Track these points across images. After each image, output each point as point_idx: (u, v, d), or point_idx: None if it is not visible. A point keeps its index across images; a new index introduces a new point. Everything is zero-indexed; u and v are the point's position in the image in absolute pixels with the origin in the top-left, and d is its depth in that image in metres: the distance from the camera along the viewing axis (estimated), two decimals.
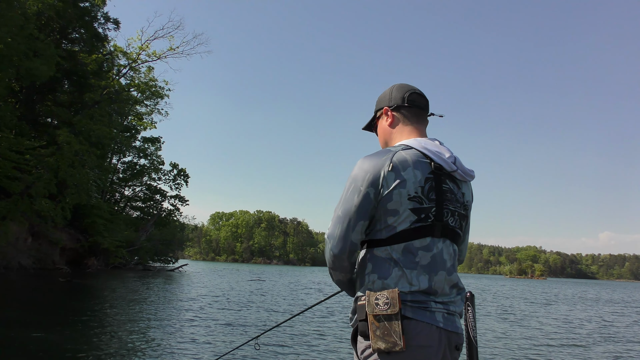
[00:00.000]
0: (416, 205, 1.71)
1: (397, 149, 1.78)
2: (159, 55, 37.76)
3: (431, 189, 1.74)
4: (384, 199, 1.70)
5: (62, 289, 18.99)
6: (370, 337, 1.62)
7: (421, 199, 1.71)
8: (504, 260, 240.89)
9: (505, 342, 11.41)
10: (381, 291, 1.64)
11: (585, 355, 10.30)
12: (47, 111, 32.17)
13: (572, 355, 10.28)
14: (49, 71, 25.48)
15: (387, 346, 1.58)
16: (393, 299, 1.61)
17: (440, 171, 1.77)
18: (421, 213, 1.71)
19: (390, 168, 1.71)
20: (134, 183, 47.62)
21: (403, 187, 1.70)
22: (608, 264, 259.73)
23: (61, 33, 32.66)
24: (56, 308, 13.17)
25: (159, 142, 47.42)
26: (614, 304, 30.63)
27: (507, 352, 9.96)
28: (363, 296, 1.71)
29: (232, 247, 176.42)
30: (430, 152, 1.77)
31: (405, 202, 1.70)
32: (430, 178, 1.75)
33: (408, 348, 1.58)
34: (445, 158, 1.78)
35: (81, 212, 32.15)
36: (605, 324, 17.21)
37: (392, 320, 1.59)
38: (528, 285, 65.24)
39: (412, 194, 1.70)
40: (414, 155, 1.76)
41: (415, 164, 1.74)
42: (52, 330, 9.23)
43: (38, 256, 28.60)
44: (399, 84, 2.00)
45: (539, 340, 12.13)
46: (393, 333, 1.58)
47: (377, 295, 1.63)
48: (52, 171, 26.07)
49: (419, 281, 1.67)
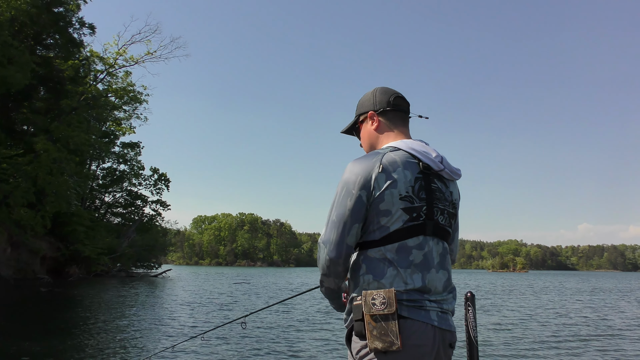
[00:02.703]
0: (408, 205, 1.73)
1: (386, 151, 1.80)
2: (137, 60, 37.48)
3: (421, 188, 1.76)
4: (376, 200, 1.71)
5: (44, 298, 18.74)
6: (367, 337, 1.62)
7: (412, 198, 1.74)
8: (486, 254, 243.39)
9: (502, 338, 11.49)
10: (377, 291, 1.65)
11: (585, 348, 10.53)
12: (23, 119, 31.66)
13: (574, 348, 10.49)
14: (24, 78, 25.13)
15: (384, 346, 1.58)
16: (390, 298, 1.62)
17: (428, 171, 1.81)
18: (413, 212, 1.73)
19: (380, 169, 1.72)
20: (114, 189, 47.14)
21: (394, 187, 1.72)
22: (587, 255, 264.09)
23: (35, 39, 32.18)
24: (37, 318, 13.00)
25: (139, 147, 47.02)
26: (609, 293, 31.21)
27: (505, 349, 10.07)
28: (359, 296, 1.71)
29: (215, 251, 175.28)
30: (417, 153, 1.80)
31: (397, 202, 1.72)
32: (420, 178, 1.77)
33: (404, 347, 1.59)
34: (432, 157, 1.81)
35: (61, 220, 31.68)
36: (598, 313, 17.57)
37: (388, 319, 1.60)
38: (512, 279, 66.05)
39: (403, 194, 1.72)
40: (403, 156, 1.79)
41: (404, 165, 1.76)
42: (34, 341, 9.13)
43: (18, 266, 28.14)
44: (382, 88, 2.01)
45: (537, 335, 12.25)
46: (390, 333, 1.59)
47: (373, 295, 1.64)
48: (31, 180, 25.69)
49: (413, 280, 1.69)
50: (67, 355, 8.03)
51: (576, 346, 10.56)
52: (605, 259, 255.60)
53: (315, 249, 63.33)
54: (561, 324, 14.41)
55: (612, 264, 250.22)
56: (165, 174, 48.83)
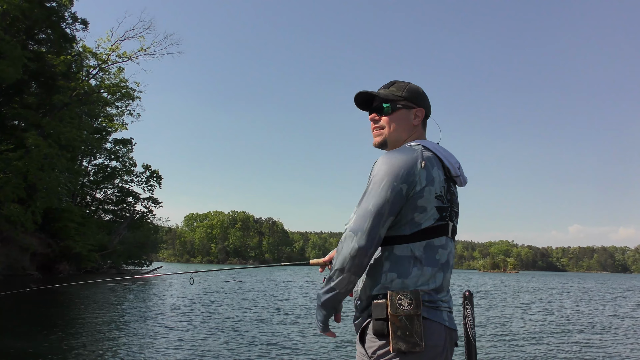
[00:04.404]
0: (440, 204, 1.76)
1: (420, 148, 1.82)
2: (130, 56, 37.24)
3: (447, 190, 1.81)
4: (415, 195, 1.72)
5: (34, 295, 18.61)
6: (390, 338, 1.61)
7: (443, 198, 1.78)
8: (477, 255, 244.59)
9: (499, 337, 11.59)
10: (403, 290, 1.65)
11: (579, 346, 10.61)
12: (14, 114, 31.40)
13: (568, 346, 10.57)
14: (15, 73, 24.96)
15: (407, 347, 1.57)
16: (416, 299, 1.62)
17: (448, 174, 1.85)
18: (443, 212, 1.77)
19: (422, 165, 1.74)
20: (105, 185, 46.93)
21: (432, 185, 1.74)
22: (577, 256, 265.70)
23: (27, 34, 31.94)
24: (26, 315, 12.92)
25: (131, 144, 46.79)
26: (603, 293, 31.47)
27: (502, 347, 10.14)
28: (381, 295, 1.70)
29: (207, 249, 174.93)
30: (442, 156, 1.84)
31: (433, 200, 1.74)
32: (446, 179, 1.82)
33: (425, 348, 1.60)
34: (453, 163, 1.86)
35: (52, 216, 31.48)
36: (591, 312, 17.72)
37: (413, 320, 1.59)
38: (501, 279, 66.40)
39: (438, 193, 1.75)
40: (433, 156, 1.82)
41: (437, 165, 1.80)
42: (23, 339, 9.09)
43: (7, 262, 27.94)
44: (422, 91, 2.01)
45: (533, 333, 12.35)
46: (415, 334, 1.58)
47: (400, 294, 1.63)
48: (21, 175, 25.51)
49: (436, 280, 1.71)
50: (54, 353, 7.99)
51: (560, 341, 10.67)
52: (595, 261, 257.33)
53: (308, 247, 63.40)
54: (549, 321, 14.52)
55: (602, 266, 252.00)
56: (157, 171, 48.65)
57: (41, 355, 7.75)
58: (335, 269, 1.71)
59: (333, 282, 1.72)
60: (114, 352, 8.29)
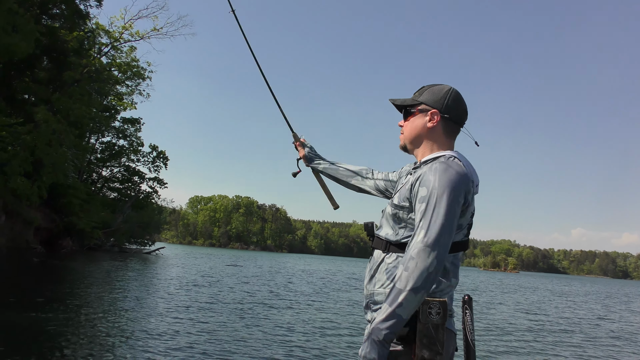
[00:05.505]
0: (470, 221, 1.82)
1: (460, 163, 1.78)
2: (142, 35, 37.23)
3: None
4: (463, 212, 1.73)
5: (37, 269, 18.80)
6: (416, 345, 1.62)
7: (473, 215, 1.82)
8: (479, 252, 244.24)
9: (498, 337, 11.64)
10: (433, 299, 1.64)
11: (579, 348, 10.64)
12: (24, 88, 31.43)
13: (566, 349, 10.60)
14: (28, 47, 24.95)
15: (430, 354, 1.59)
16: (444, 309, 1.63)
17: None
18: (470, 228, 1.84)
19: (472, 184, 1.76)
20: (112, 164, 46.94)
21: (473, 203, 1.78)
22: (579, 259, 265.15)
23: (41, 8, 31.86)
24: (32, 288, 13.06)
25: (139, 124, 46.75)
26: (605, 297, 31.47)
27: (501, 347, 10.17)
28: None
29: (209, 232, 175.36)
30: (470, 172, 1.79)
31: (469, 218, 1.79)
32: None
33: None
34: (475, 181, 1.83)
35: (57, 191, 31.60)
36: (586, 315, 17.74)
37: (439, 329, 1.61)
38: (500, 278, 66.41)
39: (474, 211, 1.81)
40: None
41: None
42: (27, 311, 9.19)
43: (11, 235, 28.12)
44: (457, 94, 1.95)
45: (532, 335, 12.38)
46: (438, 342, 1.60)
47: (430, 304, 1.63)
48: (29, 149, 25.62)
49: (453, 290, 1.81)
50: (59, 326, 8.08)
51: (555, 339, 10.69)
52: (596, 265, 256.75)
53: (310, 235, 63.34)
54: (546, 322, 14.55)
55: (603, 270, 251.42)
56: (164, 152, 48.63)
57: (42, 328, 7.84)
58: (407, 289, 1.57)
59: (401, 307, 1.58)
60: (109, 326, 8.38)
